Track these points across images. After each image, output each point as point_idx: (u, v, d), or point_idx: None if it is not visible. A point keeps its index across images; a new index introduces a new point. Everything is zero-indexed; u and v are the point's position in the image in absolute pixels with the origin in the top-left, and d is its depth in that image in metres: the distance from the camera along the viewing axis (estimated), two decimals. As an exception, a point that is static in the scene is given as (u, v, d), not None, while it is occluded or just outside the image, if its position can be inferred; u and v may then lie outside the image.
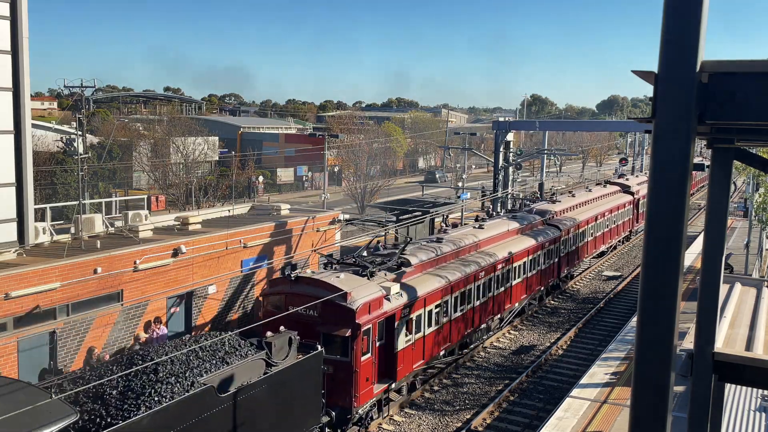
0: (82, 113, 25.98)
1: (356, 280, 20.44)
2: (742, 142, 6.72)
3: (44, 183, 47.20)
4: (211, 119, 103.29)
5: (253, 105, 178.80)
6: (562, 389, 23.58)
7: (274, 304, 20.29)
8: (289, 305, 19.50)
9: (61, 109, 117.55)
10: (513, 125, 51.89)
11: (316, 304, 18.76)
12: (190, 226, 26.37)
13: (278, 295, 20.31)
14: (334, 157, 72.01)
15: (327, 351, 18.27)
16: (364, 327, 19.20)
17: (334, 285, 19.50)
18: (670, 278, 4.42)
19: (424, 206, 40.83)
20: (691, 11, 4.22)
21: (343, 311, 18.95)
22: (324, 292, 19.09)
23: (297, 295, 19.63)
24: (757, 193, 35.11)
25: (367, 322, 19.37)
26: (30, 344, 19.28)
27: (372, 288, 20.31)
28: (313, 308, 19.10)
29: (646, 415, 4.57)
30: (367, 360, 19.56)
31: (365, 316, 19.34)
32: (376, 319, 19.88)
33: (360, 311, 19.13)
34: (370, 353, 19.63)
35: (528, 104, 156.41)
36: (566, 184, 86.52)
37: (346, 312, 18.94)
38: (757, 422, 13.14)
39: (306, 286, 19.86)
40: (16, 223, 20.84)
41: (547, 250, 34.00)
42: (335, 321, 19.01)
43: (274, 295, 20.47)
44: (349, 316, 18.92)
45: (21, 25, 20.54)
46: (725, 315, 14.15)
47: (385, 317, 20.41)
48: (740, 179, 71.16)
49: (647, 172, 40.62)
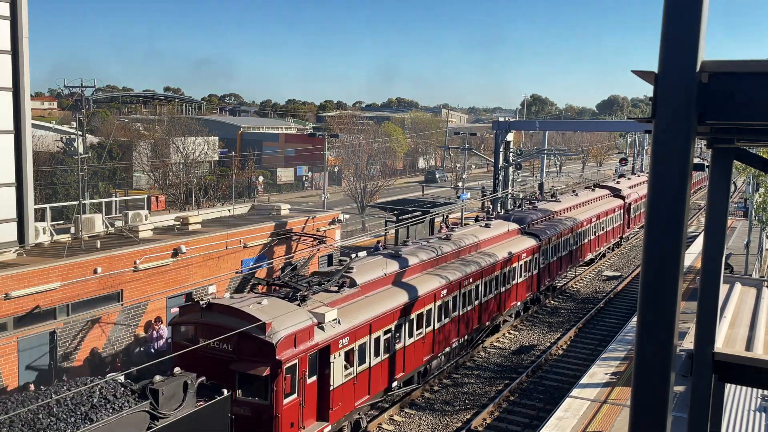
0: (82, 113, 25.97)
1: (282, 306, 17.44)
2: (742, 142, 6.72)
3: (44, 183, 47.23)
4: (211, 119, 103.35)
5: (253, 105, 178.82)
6: (562, 389, 23.58)
7: (183, 335, 17.38)
8: (200, 337, 16.53)
9: (61, 109, 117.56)
10: (513, 125, 51.94)
11: (230, 336, 15.91)
12: (190, 226, 26.38)
13: (188, 326, 17.39)
14: (334, 157, 72.02)
15: (243, 393, 16.16)
16: (288, 363, 16.24)
17: (250, 314, 16.39)
18: (670, 278, 4.42)
19: (424, 206, 40.84)
20: (691, 11, 4.22)
21: (261, 346, 16.05)
22: (239, 323, 16.12)
23: (208, 326, 16.70)
24: (757, 193, 35.12)
25: (292, 358, 16.41)
26: (30, 344, 19.28)
27: (300, 316, 17.20)
28: (226, 342, 16.17)
29: (646, 415, 4.57)
30: (292, 402, 16.56)
31: (289, 351, 16.36)
32: (304, 352, 16.86)
33: (282, 345, 16.12)
34: (295, 394, 16.67)
35: (528, 104, 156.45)
36: (566, 184, 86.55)
37: (264, 346, 16.01)
38: (757, 422, 13.14)
39: (219, 314, 16.82)
40: (16, 223, 20.85)
41: (524, 261, 30.91)
42: (252, 357, 16.16)
43: (184, 325, 17.51)
44: (268, 352, 15.99)
45: (21, 25, 20.55)
46: (725, 315, 14.16)
47: (318, 349, 17.38)
48: (740, 179, 71.17)
49: (640, 174, 40.92)
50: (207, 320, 16.88)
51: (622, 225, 49.43)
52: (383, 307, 20.34)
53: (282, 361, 16.03)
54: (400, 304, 21.16)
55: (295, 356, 16.54)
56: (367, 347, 19.56)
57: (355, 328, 18.77)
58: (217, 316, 16.81)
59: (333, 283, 19.67)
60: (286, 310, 17.22)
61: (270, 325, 16.17)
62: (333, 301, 18.88)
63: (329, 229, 31.93)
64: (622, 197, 49.69)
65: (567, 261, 37.63)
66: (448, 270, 24.81)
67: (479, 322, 26.94)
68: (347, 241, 39.94)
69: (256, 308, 16.80)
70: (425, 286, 22.86)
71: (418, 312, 22.23)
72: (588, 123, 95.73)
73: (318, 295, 18.83)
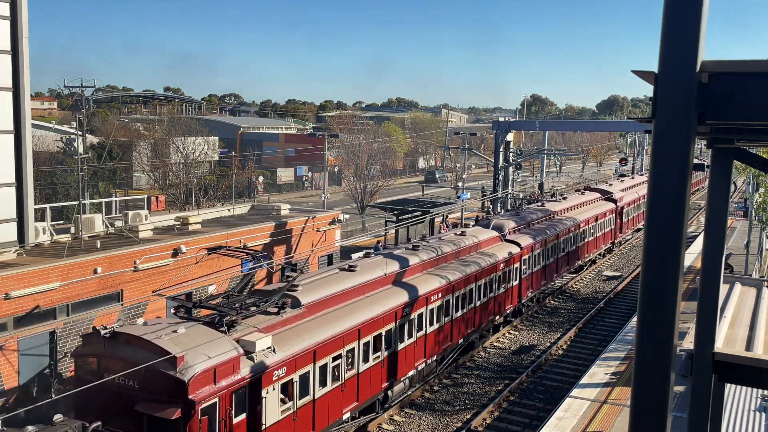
0: (82, 113, 26.00)
1: (203, 335, 15.05)
2: (742, 142, 6.73)
3: (44, 183, 47.26)
4: (211, 119, 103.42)
5: (253, 105, 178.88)
6: (562, 389, 23.59)
7: (86, 369, 15.17)
8: (104, 372, 14.34)
9: (61, 109, 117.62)
10: (513, 125, 52.00)
11: (136, 372, 13.68)
12: (190, 226, 26.40)
13: (90, 357, 15.11)
14: (334, 157, 72.07)
15: None
16: (204, 403, 14.04)
17: (159, 345, 14.11)
18: (670, 278, 4.43)
19: (424, 206, 40.86)
20: (691, 11, 4.22)
21: (171, 383, 13.83)
22: (147, 356, 13.95)
23: (113, 359, 14.51)
24: (757, 193, 35.13)
25: (210, 396, 14.20)
26: (30, 344, 19.29)
27: (223, 346, 14.88)
28: (132, 378, 13.99)
29: (646, 415, 4.57)
30: None
31: (206, 388, 14.11)
32: (227, 388, 14.61)
33: (197, 382, 13.91)
34: None
35: (528, 104, 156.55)
36: (566, 184, 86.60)
37: (175, 384, 13.79)
38: (757, 422, 13.14)
39: (125, 345, 14.61)
40: (16, 223, 20.87)
41: (502, 272, 28.67)
42: (161, 396, 13.97)
43: (87, 356, 15.26)
44: (179, 390, 13.77)
45: (21, 25, 20.57)
46: (725, 315, 14.17)
47: (246, 384, 15.11)
48: (740, 179, 71.22)
49: (640, 174, 40.44)
50: (110, 352, 14.65)
51: (614, 230, 47.50)
52: (332, 329, 17.94)
53: (196, 402, 13.82)
54: (355, 325, 18.77)
55: (214, 394, 14.28)
56: (311, 377, 17.13)
57: (294, 356, 16.38)
58: (122, 347, 14.62)
59: (272, 304, 17.15)
60: (206, 339, 14.89)
61: (182, 358, 13.94)
62: (270, 326, 16.45)
63: (329, 229, 31.95)
64: (613, 200, 47.88)
65: (553, 270, 35.57)
66: (414, 284, 22.45)
67: (451, 341, 24.60)
68: (347, 241, 39.98)
69: (168, 338, 14.44)
70: (386, 303, 20.52)
71: (376, 333, 19.88)
72: (588, 123, 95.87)
73: (252, 319, 16.41)
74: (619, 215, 48.29)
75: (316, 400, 17.43)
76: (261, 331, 15.95)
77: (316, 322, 17.81)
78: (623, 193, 50.96)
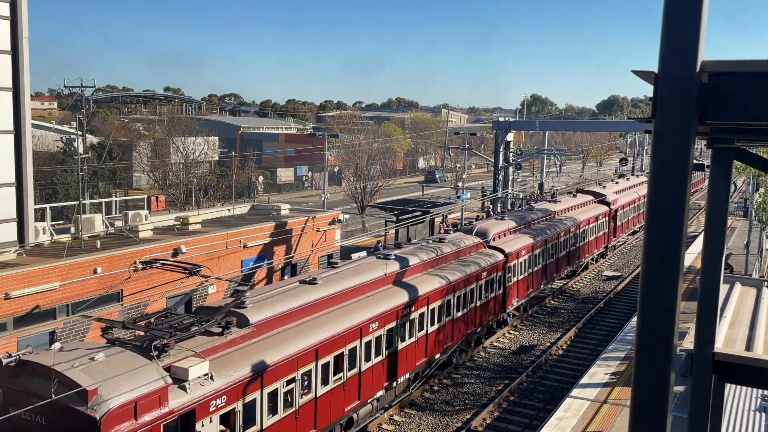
0: (82, 113, 26.00)
1: (126, 362, 13.28)
2: (742, 142, 6.73)
3: (44, 183, 47.27)
4: (211, 119, 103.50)
5: (252, 105, 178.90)
6: (562, 389, 23.59)
7: None
8: (9, 406, 12.77)
9: (61, 109, 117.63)
10: (513, 125, 52.05)
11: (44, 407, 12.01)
12: (190, 226, 26.41)
13: None
14: (334, 157, 72.07)
15: None
16: None
17: (68, 377, 12.38)
18: (670, 278, 4.43)
19: (424, 206, 40.87)
20: (691, 11, 4.22)
21: (80, 420, 12.13)
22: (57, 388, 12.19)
23: (18, 392, 12.86)
24: (757, 193, 35.15)
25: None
26: (30, 344, 19.28)
27: (148, 375, 13.12)
28: (39, 413, 12.37)
29: (646, 415, 4.57)
30: None
31: (126, 424, 12.49)
32: (152, 424, 12.97)
33: (111, 418, 12.23)
34: None
35: (528, 104, 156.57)
36: (566, 184, 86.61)
37: (84, 421, 12.11)
38: (757, 422, 13.15)
39: (32, 376, 12.85)
40: (16, 223, 20.87)
41: (484, 281, 26.99)
42: None
43: None
44: (90, 428, 12.11)
45: (21, 25, 20.58)
46: (725, 315, 14.17)
47: (177, 417, 13.44)
48: (740, 179, 71.23)
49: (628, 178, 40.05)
50: (16, 384, 12.99)
51: (607, 234, 45.90)
52: (285, 350, 16.24)
53: None
54: (312, 344, 17.08)
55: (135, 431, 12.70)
56: (258, 405, 15.48)
57: (237, 383, 14.69)
58: (29, 378, 12.86)
59: (214, 323, 15.36)
60: (129, 367, 13.12)
61: (95, 391, 12.23)
62: (209, 349, 14.72)
63: (329, 229, 31.95)
64: (607, 203, 46.16)
65: (540, 277, 33.83)
66: (385, 296, 20.81)
67: (426, 356, 22.97)
68: (347, 241, 39.99)
69: (81, 368, 12.67)
70: (349, 319, 18.74)
71: (337, 352, 18.19)
72: (588, 123, 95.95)
73: (190, 341, 14.63)
74: (612, 218, 46.86)
75: (264, 430, 15.78)
76: (198, 356, 14.22)
77: (266, 342, 16.08)
78: (617, 195, 49.49)
